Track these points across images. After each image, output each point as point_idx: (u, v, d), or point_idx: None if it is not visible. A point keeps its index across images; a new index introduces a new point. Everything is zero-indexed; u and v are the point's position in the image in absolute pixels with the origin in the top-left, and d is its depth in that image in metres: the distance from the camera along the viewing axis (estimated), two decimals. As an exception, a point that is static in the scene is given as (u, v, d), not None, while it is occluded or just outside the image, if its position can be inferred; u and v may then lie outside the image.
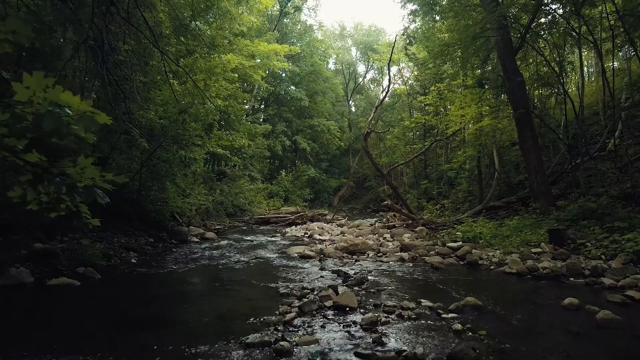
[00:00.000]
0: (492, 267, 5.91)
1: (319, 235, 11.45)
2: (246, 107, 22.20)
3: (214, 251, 8.42)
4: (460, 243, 7.25)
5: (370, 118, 12.35)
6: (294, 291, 4.66)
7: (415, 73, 20.83)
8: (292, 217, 16.73)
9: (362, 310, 3.87)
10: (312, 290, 4.72)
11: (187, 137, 8.49)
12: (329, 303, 4.00)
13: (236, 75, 14.13)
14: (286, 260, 7.03)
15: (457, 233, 8.35)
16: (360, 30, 34.83)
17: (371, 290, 4.64)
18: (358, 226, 13.63)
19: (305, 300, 4.15)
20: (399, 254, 7.12)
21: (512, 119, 12.54)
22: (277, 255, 7.82)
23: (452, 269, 6.00)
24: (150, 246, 8.74)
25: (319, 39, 27.74)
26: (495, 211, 11.46)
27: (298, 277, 5.61)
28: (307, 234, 12.22)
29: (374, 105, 32.33)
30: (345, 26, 35.65)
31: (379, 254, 7.17)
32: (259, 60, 17.13)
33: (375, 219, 18.31)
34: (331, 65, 32.68)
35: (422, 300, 4.11)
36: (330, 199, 26.70)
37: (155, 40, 4.38)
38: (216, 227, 13.49)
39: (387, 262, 6.48)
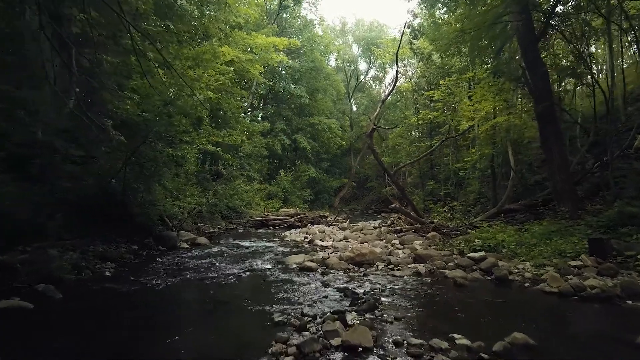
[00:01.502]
0: (526, 284, 5.00)
1: (320, 240, 10.56)
2: (244, 104, 21.31)
3: (204, 260, 7.53)
4: (482, 253, 6.34)
5: (375, 113, 11.45)
6: (292, 319, 3.77)
7: (421, 69, 19.92)
8: (292, 219, 15.86)
9: (380, 352, 2.97)
10: (314, 317, 3.82)
11: (173, 132, 7.59)
12: (335, 341, 3.10)
13: (232, 68, 13.22)
14: (283, 273, 6.13)
15: (476, 240, 7.44)
16: (361, 26, 33.92)
17: (387, 318, 3.74)
18: (362, 230, 12.73)
19: (306, 335, 3.25)
20: (413, 265, 6.21)
21: (527, 114, 11.68)
22: (273, 266, 6.92)
23: (479, 286, 5.09)
24: (133, 254, 7.85)
25: (320, 34, 26.82)
26: (512, 214, 10.53)
27: (297, 297, 4.71)
28: (307, 238, 11.34)
29: (377, 102, 31.45)
30: (346, 22, 34.80)
31: (389, 266, 6.27)
32: (257, 57, 16.21)
33: (379, 221, 17.36)
34: (332, 62, 31.78)
35: (455, 335, 3.21)
36: (331, 200, 25.80)
37: (121, 9, 3.48)
38: (211, 230, 12.62)
39: (400, 276, 5.58)
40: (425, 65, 18.53)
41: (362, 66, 35.08)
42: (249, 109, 23.43)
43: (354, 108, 34.06)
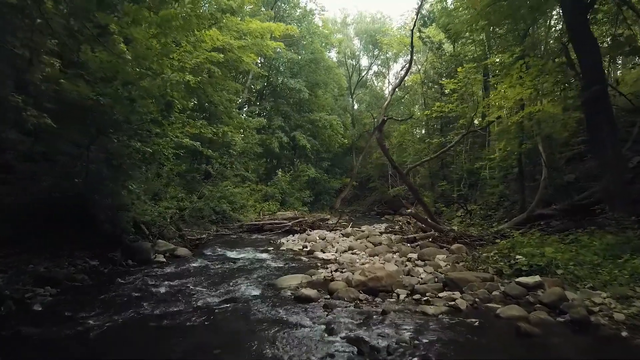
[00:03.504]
0: (623, 333, 3.45)
1: (322, 251, 9.03)
2: (239, 100, 19.76)
3: (176, 281, 5.99)
4: (537, 278, 4.79)
5: (386, 103, 9.93)
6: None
7: (430, 59, 18.41)
8: (290, 223, 14.32)
9: None
10: (315, 411, 2.29)
11: (139, 122, 6.06)
12: None
13: (222, 55, 11.71)
14: (273, 306, 4.58)
15: (518, 257, 5.90)
16: (364, 19, 32.30)
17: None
18: (368, 237, 11.18)
19: None
20: (446, 295, 4.67)
21: (559, 102, 10.15)
22: (261, 291, 5.38)
23: (553, 334, 3.54)
24: (89, 274, 6.28)
25: (320, 25, 25.24)
26: (546, 221, 9.02)
27: (287, 354, 3.18)
28: (306, 247, 9.81)
29: (379, 99, 29.93)
30: (348, 14, 33.24)
31: (414, 296, 4.72)
32: (251, 42, 14.65)
33: (384, 225, 15.90)
34: (333, 56, 30.16)
35: None
36: (332, 201, 24.24)
37: None
38: (199, 237, 11.10)
39: (434, 315, 4.03)
40: (435, 56, 17.01)
41: (364, 62, 33.58)
42: (246, 105, 21.88)
43: (356, 106, 32.52)
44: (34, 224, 6.69)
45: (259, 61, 20.58)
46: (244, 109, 21.31)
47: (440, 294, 4.71)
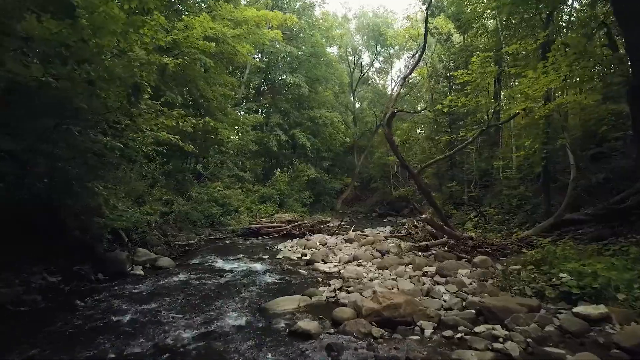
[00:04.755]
0: None
1: (323, 261, 7.99)
2: (236, 95, 18.72)
3: (149, 304, 4.94)
4: (603, 309, 3.73)
5: (396, 94, 8.88)
6: None
7: (438, 52, 17.35)
8: (288, 226, 13.35)
9: None
10: None
11: (102, 111, 5.02)
12: None
13: (213, 44, 10.67)
14: (260, 346, 3.53)
15: (562, 275, 4.84)
16: (366, 13, 31.13)
17: None
18: (373, 243, 10.13)
19: None
20: (485, 330, 3.60)
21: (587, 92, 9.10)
22: (248, 319, 4.32)
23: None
24: (45, 293, 5.23)
25: (320, 19, 24.15)
26: (577, 228, 7.98)
27: None
28: (305, 256, 8.79)
29: (382, 95, 28.88)
30: (349, 7, 32.18)
31: (444, 332, 3.67)
32: (246, 31, 13.58)
33: (389, 228, 14.90)
34: (334, 51, 29.04)
35: None
36: (333, 203, 23.19)
37: None
38: (188, 242, 10.08)
39: (477, 366, 2.99)
40: (444, 48, 15.95)
41: (366, 59, 32.43)
42: (243, 101, 20.82)
43: (357, 104, 31.42)
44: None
45: (257, 56, 19.54)
46: (242, 106, 20.27)
47: (477, 329, 3.65)
